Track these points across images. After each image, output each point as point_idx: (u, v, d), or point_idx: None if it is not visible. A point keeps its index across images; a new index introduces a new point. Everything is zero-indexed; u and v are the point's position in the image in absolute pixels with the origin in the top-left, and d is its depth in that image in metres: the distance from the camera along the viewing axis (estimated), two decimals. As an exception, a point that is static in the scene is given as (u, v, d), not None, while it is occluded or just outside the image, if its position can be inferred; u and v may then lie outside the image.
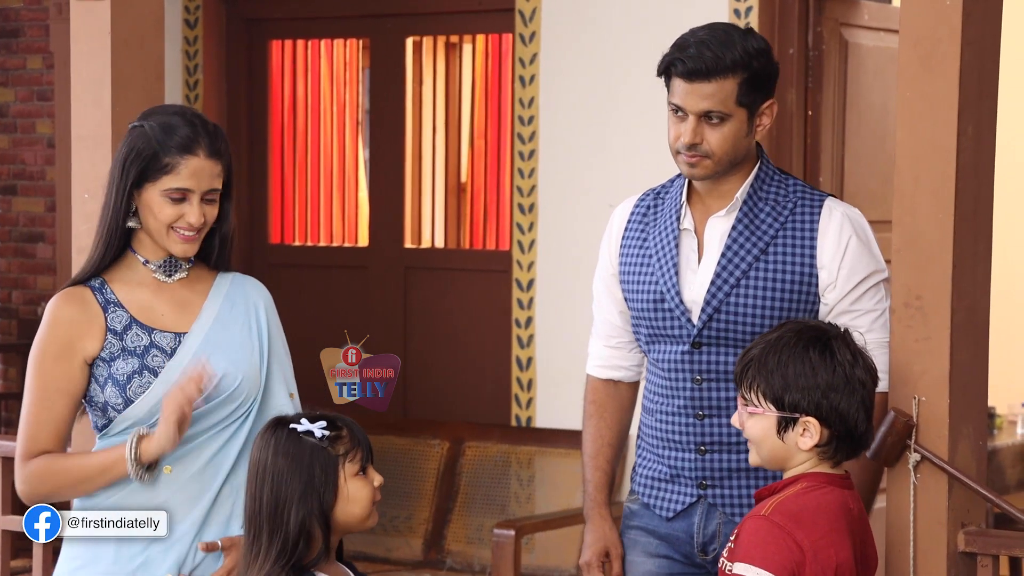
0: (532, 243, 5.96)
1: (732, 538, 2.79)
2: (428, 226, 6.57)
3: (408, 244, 6.52)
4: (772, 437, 2.79)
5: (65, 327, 3.05)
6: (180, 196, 3.03)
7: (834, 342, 2.80)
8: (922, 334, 3.36)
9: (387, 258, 6.52)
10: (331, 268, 6.67)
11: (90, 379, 3.07)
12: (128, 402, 3.03)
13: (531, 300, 5.98)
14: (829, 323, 2.96)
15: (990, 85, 3.45)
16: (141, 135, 3.05)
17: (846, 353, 2.79)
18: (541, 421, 5.92)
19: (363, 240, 6.72)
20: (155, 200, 3.04)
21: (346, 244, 6.75)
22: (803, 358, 2.77)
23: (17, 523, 4.51)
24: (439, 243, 6.56)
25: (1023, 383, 6.93)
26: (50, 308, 3.09)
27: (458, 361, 6.30)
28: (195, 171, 3.03)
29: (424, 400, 6.28)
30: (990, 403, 6.10)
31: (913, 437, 3.35)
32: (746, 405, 2.83)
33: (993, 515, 5.54)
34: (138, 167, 3.03)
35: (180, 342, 3.07)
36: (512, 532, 4.99)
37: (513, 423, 6.03)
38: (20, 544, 5.63)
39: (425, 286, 6.43)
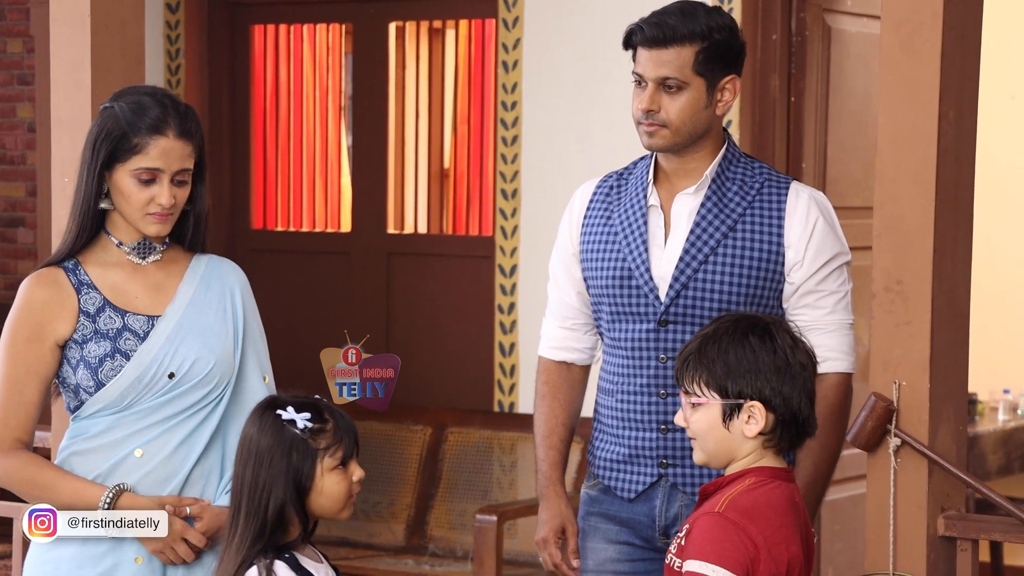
0: (515, 229, 5.96)
1: (681, 535, 2.76)
2: (411, 212, 6.56)
3: (391, 230, 6.51)
4: (718, 427, 2.74)
5: (38, 309, 3.04)
6: (150, 177, 3.02)
7: (773, 327, 2.77)
8: (903, 318, 3.36)
9: (370, 244, 6.51)
10: (313, 254, 6.66)
11: (62, 361, 3.06)
12: (100, 385, 3.03)
13: (514, 286, 5.98)
14: (765, 313, 2.95)
15: (972, 69, 3.45)
16: (111, 116, 3.04)
17: (786, 338, 2.76)
18: (524, 407, 5.92)
19: (345, 226, 6.71)
20: (125, 182, 3.03)
21: (328, 230, 6.74)
22: (743, 344, 2.73)
23: (-3, 508, 4.50)
24: (422, 229, 6.55)
25: (1004, 369, 6.95)
26: (23, 290, 3.08)
27: (441, 347, 6.30)
28: (164, 151, 3.02)
29: (406, 386, 6.26)
30: (972, 389, 6.11)
31: (893, 421, 3.35)
32: (689, 398, 2.79)
33: (974, 500, 5.56)
34: (108, 147, 3.03)
35: (153, 325, 3.06)
36: (494, 518, 4.99)
37: (496, 409, 6.03)
38: (0, 530, 5.61)
39: (408, 272, 6.43)
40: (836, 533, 5.66)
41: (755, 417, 2.73)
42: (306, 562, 2.84)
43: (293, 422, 2.83)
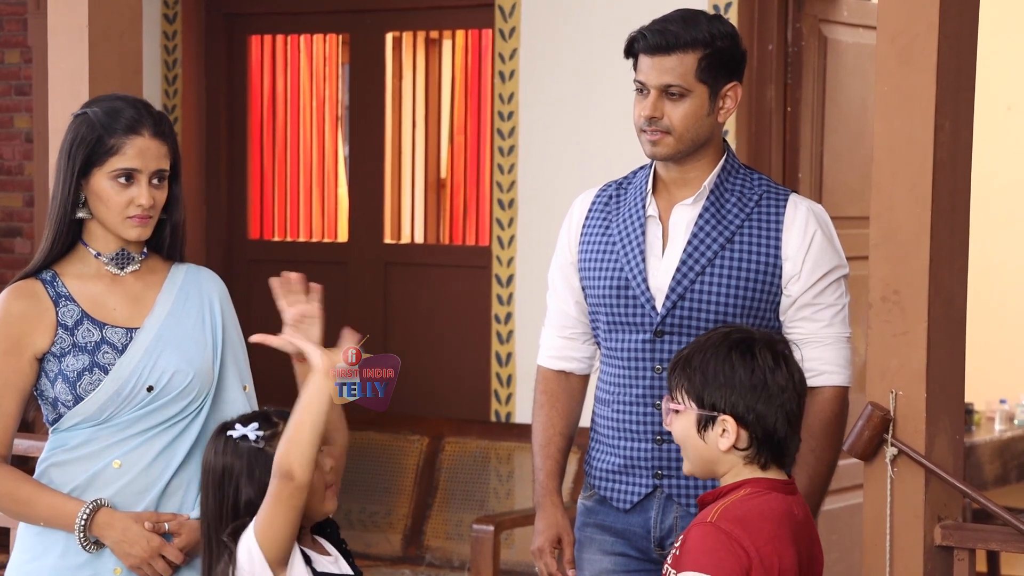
0: (512, 239, 5.96)
1: (677, 545, 2.76)
2: (408, 222, 6.57)
3: (388, 240, 6.51)
4: (693, 436, 2.76)
5: (15, 322, 3.02)
6: (127, 176, 3.01)
7: (757, 346, 2.76)
8: (899, 328, 3.36)
9: (367, 254, 6.51)
10: (310, 264, 6.65)
11: (40, 374, 3.04)
12: (78, 399, 3.01)
13: (511, 296, 5.98)
14: (761, 330, 2.95)
15: (967, 80, 3.46)
16: (85, 121, 3.03)
17: (767, 358, 2.75)
18: (520, 417, 5.92)
19: (343, 236, 6.71)
20: (103, 185, 3.01)
21: (326, 240, 6.74)
22: (725, 358, 2.74)
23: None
24: (419, 239, 6.55)
25: (1001, 379, 6.96)
26: (0, 302, 3.05)
27: (438, 357, 6.30)
28: (141, 151, 3.01)
29: (404, 396, 6.26)
30: (968, 399, 6.11)
31: (890, 431, 3.36)
32: (670, 403, 2.80)
33: (971, 510, 5.56)
34: (84, 152, 3.01)
35: (131, 338, 3.04)
36: (491, 527, 4.99)
37: (492, 419, 6.03)
38: (-3, 540, 5.60)
39: (405, 282, 6.43)
40: (833, 543, 5.66)
41: (728, 431, 2.74)
42: (312, 555, 2.85)
43: (244, 436, 2.85)
